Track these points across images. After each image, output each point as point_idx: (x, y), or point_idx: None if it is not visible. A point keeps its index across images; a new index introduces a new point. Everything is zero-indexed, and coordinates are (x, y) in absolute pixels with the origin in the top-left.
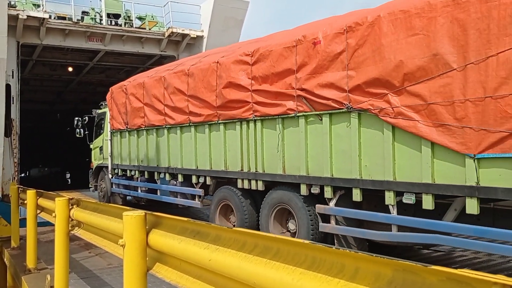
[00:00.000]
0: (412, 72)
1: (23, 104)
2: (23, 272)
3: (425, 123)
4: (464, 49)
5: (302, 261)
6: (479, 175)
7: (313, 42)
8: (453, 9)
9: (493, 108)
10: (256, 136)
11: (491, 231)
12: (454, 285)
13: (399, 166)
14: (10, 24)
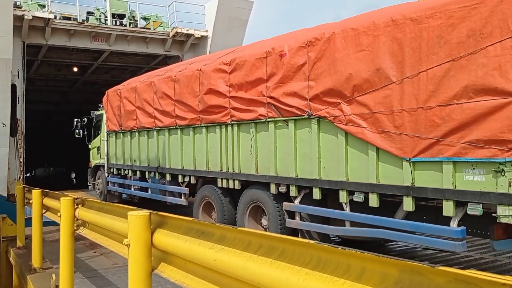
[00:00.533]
0: (360, 84)
1: (28, 104)
2: (28, 272)
3: (371, 129)
4: (401, 65)
5: (308, 261)
6: (414, 176)
7: (280, 54)
8: (392, 29)
9: (423, 118)
10: (233, 139)
11: (422, 225)
12: (462, 286)
13: (351, 168)
14: (15, 24)
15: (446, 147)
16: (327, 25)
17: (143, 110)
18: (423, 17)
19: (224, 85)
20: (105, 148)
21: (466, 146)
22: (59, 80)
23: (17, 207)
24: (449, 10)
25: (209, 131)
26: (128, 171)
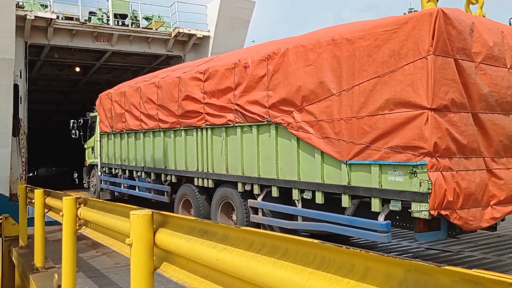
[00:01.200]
0: (308, 95)
1: (31, 104)
2: (31, 271)
3: (316, 135)
4: (340, 79)
5: (311, 261)
6: (350, 177)
7: (244, 66)
8: (333, 47)
9: (356, 126)
10: (207, 142)
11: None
12: (468, 286)
13: (302, 169)
14: (18, 24)
15: (374, 151)
16: (286, 40)
17: (131, 113)
18: (356, 38)
19: (199, 92)
20: (98, 148)
21: (389, 151)
22: (61, 80)
23: (20, 207)
24: (375, 33)
25: (187, 134)
26: (118, 170)
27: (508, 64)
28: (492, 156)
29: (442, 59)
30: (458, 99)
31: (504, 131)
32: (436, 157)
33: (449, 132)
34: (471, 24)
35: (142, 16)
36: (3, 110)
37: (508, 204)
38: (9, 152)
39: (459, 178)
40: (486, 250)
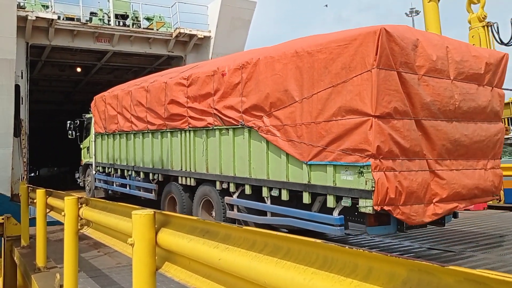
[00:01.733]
0: (275, 102)
1: (32, 104)
2: (32, 271)
3: (282, 138)
4: (301, 88)
5: (314, 261)
6: (310, 176)
7: (222, 73)
8: (296, 59)
9: (315, 130)
10: (190, 143)
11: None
12: (472, 286)
13: (270, 169)
14: (19, 25)
15: (329, 153)
16: (259, 50)
17: (123, 115)
18: (314, 51)
19: (183, 96)
20: (93, 148)
21: (341, 153)
22: (63, 80)
23: (21, 207)
24: (330, 47)
25: (173, 136)
26: (111, 169)
27: (451, 76)
28: (436, 159)
29: (385, 72)
30: (401, 107)
31: (447, 136)
32: (380, 159)
33: (392, 137)
34: (415, 40)
35: (143, 16)
36: (4, 110)
37: (450, 202)
38: (11, 153)
39: (401, 178)
40: (488, 250)
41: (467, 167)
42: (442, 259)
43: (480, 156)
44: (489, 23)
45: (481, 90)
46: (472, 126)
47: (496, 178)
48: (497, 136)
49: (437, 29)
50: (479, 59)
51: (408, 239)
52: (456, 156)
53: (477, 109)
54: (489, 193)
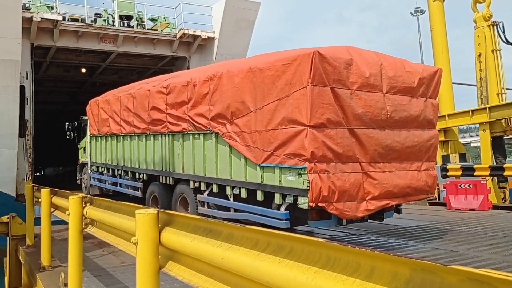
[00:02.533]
0: (235, 111)
1: (37, 104)
2: (37, 270)
3: (241, 143)
4: (255, 100)
5: (317, 260)
6: (262, 176)
7: (193, 84)
8: (250, 74)
9: (265, 137)
10: (169, 146)
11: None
12: (475, 285)
13: (233, 170)
14: (24, 26)
15: (276, 157)
16: (225, 63)
17: (113, 119)
18: (265, 68)
19: (163, 103)
20: (88, 149)
21: (285, 157)
22: (68, 81)
23: (27, 206)
24: (277, 65)
25: (155, 139)
26: (104, 168)
27: (384, 90)
28: (369, 162)
29: (319, 88)
30: (334, 118)
31: (379, 142)
32: (314, 162)
33: (325, 143)
34: (349, 60)
35: (147, 17)
36: (9, 111)
37: (382, 200)
38: (16, 153)
39: (334, 179)
40: (493, 250)
41: (400, 169)
42: (446, 259)
43: (414, 159)
44: (494, 22)
45: (414, 101)
46: (404, 133)
47: (430, 178)
48: (431, 141)
49: (442, 28)
50: (413, 74)
51: (412, 239)
52: (389, 159)
53: (409, 118)
54: (423, 192)
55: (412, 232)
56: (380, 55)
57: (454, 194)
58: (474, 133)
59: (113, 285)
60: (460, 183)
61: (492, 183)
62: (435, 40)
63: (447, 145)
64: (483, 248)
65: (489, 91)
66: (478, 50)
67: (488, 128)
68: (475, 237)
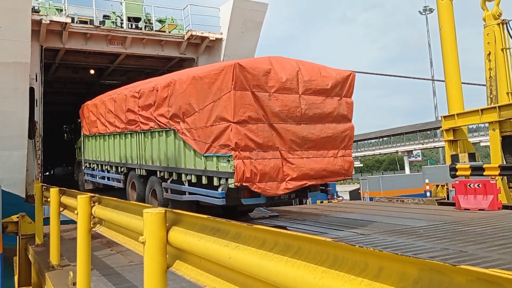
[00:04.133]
0: (185, 112)
1: (47, 105)
2: (46, 269)
3: (190, 138)
4: (198, 102)
5: (324, 260)
6: (206, 164)
7: (156, 89)
8: (194, 81)
9: (206, 132)
10: (141, 142)
11: (209, 191)
12: (484, 286)
13: (186, 160)
14: (33, 28)
15: (214, 148)
16: (179, 72)
17: (100, 120)
18: (203, 76)
19: (136, 106)
20: (82, 147)
21: (219, 148)
22: (77, 82)
23: (36, 205)
24: (211, 74)
25: (132, 137)
26: (94, 165)
27: (300, 92)
28: (287, 150)
29: (241, 92)
30: (255, 116)
31: (296, 134)
32: (238, 151)
33: (247, 136)
34: (268, 68)
35: (155, 18)
36: (19, 113)
37: (299, 180)
38: (25, 155)
39: (256, 164)
40: (503, 250)
41: (317, 155)
42: (455, 259)
43: (330, 147)
44: (504, 20)
45: (328, 100)
46: (319, 126)
47: (346, 163)
48: (345, 132)
49: (451, 27)
50: (327, 78)
51: (421, 239)
52: (306, 148)
53: (322, 114)
54: (339, 175)
55: (420, 232)
56: (300, 63)
57: (463, 194)
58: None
59: (121, 284)
60: (469, 183)
61: (502, 182)
62: (444, 38)
63: (456, 144)
64: (493, 248)
65: (498, 90)
66: (487, 48)
67: (498, 127)
68: (484, 237)
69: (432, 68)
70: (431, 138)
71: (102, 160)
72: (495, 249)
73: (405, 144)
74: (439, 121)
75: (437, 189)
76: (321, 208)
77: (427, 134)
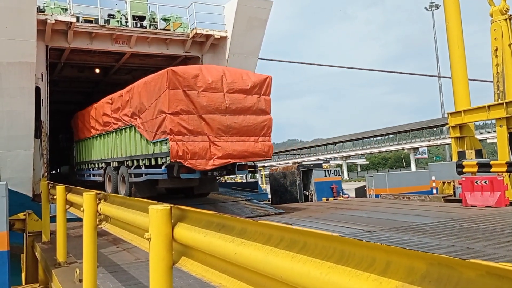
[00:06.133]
0: (140, 109)
1: (52, 104)
2: (53, 266)
3: (143, 129)
4: (147, 101)
5: (331, 255)
6: (154, 149)
7: (122, 95)
8: (144, 85)
9: (153, 123)
10: (113, 139)
11: (158, 170)
12: (494, 280)
13: (142, 148)
14: (39, 28)
15: (158, 135)
16: (138, 81)
17: (85, 126)
18: (150, 81)
19: (109, 110)
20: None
21: (161, 134)
22: (82, 81)
23: (42, 203)
24: (155, 78)
25: (108, 136)
26: (83, 165)
27: (224, 90)
28: (214, 135)
29: (174, 91)
30: (186, 108)
31: (221, 123)
32: (173, 135)
33: (180, 124)
34: (196, 73)
35: (160, 17)
36: (25, 112)
37: (225, 159)
38: (32, 154)
39: (187, 145)
40: (510, 247)
41: (240, 140)
42: (462, 256)
43: (251, 134)
44: (511, 16)
45: (249, 97)
46: (241, 117)
47: (265, 147)
48: (264, 123)
49: (458, 23)
50: (247, 80)
51: (427, 235)
52: (230, 134)
53: (244, 108)
54: (260, 156)
55: (427, 229)
56: (226, 69)
57: (470, 191)
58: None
59: (127, 281)
60: (476, 180)
61: (510, 179)
62: (451, 34)
63: (463, 141)
64: (500, 245)
65: (506, 86)
66: (494, 44)
67: (505, 124)
68: (491, 234)
69: (438, 65)
70: (437, 135)
71: (88, 160)
72: (503, 246)
73: (411, 141)
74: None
75: (444, 186)
76: (327, 205)
77: (433, 131)
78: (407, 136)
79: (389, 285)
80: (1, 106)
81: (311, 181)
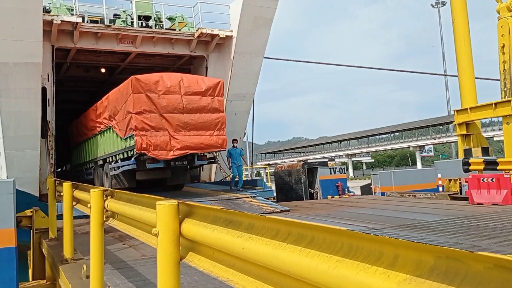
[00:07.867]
0: (114, 112)
1: (58, 104)
2: (60, 262)
3: (118, 129)
4: (119, 104)
5: (338, 249)
6: (126, 144)
7: (101, 101)
8: (118, 91)
9: (124, 122)
10: (98, 140)
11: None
12: (503, 273)
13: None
14: (45, 29)
15: (128, 131)
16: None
17: (78, 132)
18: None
19: (94, 116)
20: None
21: (129, 131)
22: (88, 81)
23: (49, 199)
24: (124, 84)
25: (95, 138)
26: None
27: (182, 93)
28: (174, 130)
29: (137, 94)
30: (149, 108)
31: (180, 120)
32: (138, 131)
33: (143, 121)
34: (157, 80)
35: (165, 17)
36: (32, 113)
37: (183, 150)
38: (38, 154)
39: (150, 139)
40: None
41: (197, 134)
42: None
43: (207, 129)
44: None
45: (204, 98)
46: (197, 115)
47: (219, 139)
48: (218, 119)
49: (464, 20)
50: (202, 84)
51: (434, 233)
52: (188, 129)
53: (199, 107)
54: (215, 147)
55: (433, 227)
56: (183, 75)
57: (476, 189)
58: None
59: (134, 277)
60: (482, 177)
61: None
62: (457, 32)
63: (469, 139)
64: (507, 243)
65: None
66: (501, 41)
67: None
68: (498, 231)
69: (444, 62)
70: (443, 133)
71: (81, 162)
72: (509, 244)
73: (417, 139)
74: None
75: (450, 184)
76: (332, 203)
77: (439, 129)
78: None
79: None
80: (8, 106)
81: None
